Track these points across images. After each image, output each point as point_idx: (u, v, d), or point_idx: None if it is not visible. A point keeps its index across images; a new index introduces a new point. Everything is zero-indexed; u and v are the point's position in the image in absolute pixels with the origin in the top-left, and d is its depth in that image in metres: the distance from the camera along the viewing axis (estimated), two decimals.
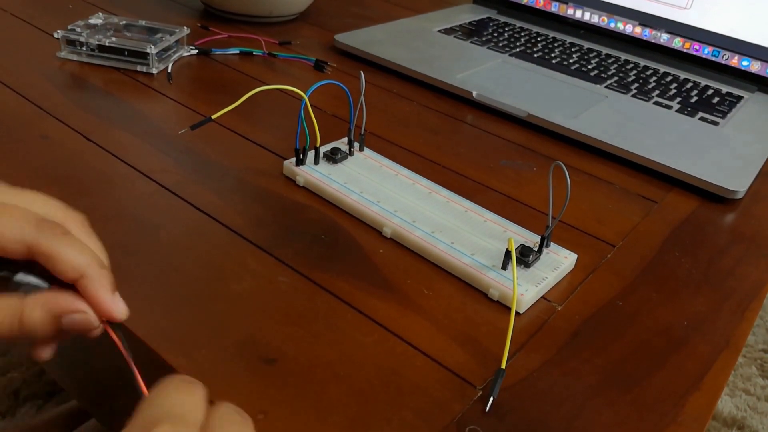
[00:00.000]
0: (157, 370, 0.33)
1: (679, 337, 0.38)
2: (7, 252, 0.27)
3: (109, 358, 0.38)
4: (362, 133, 0.50)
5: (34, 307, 0.27)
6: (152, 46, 0.61)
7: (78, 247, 0.28)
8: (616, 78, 0.72)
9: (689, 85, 0.73)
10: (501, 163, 0.54)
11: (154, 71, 0.61)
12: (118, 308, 0.28)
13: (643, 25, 0.80)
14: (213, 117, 0.45)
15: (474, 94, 0.63)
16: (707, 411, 0.33)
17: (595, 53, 0.78)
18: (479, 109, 0.63)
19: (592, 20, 0.83)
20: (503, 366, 0.33)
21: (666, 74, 0.75)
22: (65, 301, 0.27)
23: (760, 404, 1.13)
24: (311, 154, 0.49)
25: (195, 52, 0.67)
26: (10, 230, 0.27)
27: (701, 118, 0.64)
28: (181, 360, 0.32)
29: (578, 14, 0.84)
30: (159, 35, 0.64)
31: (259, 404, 0.30)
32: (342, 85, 0.50)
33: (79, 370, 0.43)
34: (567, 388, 0.33)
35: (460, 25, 0.82)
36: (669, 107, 0.66)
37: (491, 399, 0.31)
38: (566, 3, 0.85)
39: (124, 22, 0.66)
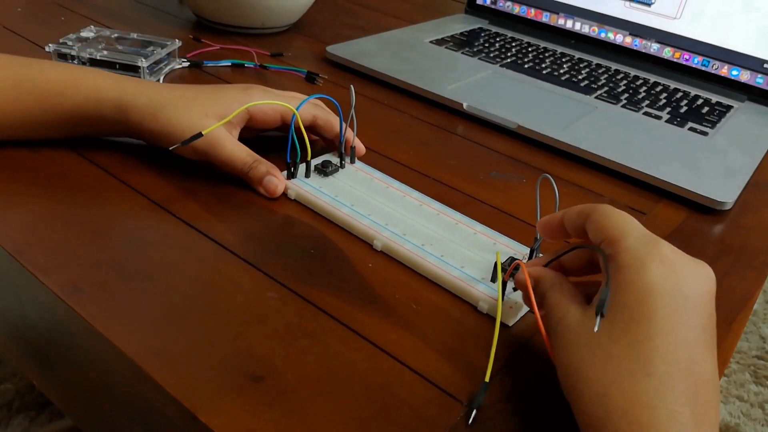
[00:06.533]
0: (145, 387, 0.33)
1: None
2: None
3: (99, 374, 0.38)
4: (353, 145, 0.51)
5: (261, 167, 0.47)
6: (143, 59, 0.61)
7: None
8: (606, 88, 0.72)
9: (679, 95, 0.73)
10: (491, 175, 0.55)
11: None
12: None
13: (634, 35, 0.80)
14: (203, 132, 0.45)
15: (464, 105, 0.64)
16: None
17: (585, 63, 0.79)
18: (470, 121, 0.64)
19: (583, 30, 0.84)
20: (487, 379, 0.33)
21: (656, 84, 0.75)
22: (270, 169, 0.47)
23: (753, 411, 1.13)
24: (302, 168, 0.49)
25: (187, 64, 0.67)
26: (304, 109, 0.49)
27: (690, 129, 0.65)
28: (169, 377, 0.32)
29: (569, 24, 0.85)
30: (150, 48, 0.64)
31: (247, 422, 0.30)
32: (332, 99, 0.50)
33: (70, 387, 0.44)
34: (560, 398, 0.33)
35: (452, 36, 0.83)
36: (658, 117, 0.66)
37: (474, 412, 0.31)
38: (557, 13, 0.85)
39: (115, 35, 0.66)
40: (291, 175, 0.48)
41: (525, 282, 0.35)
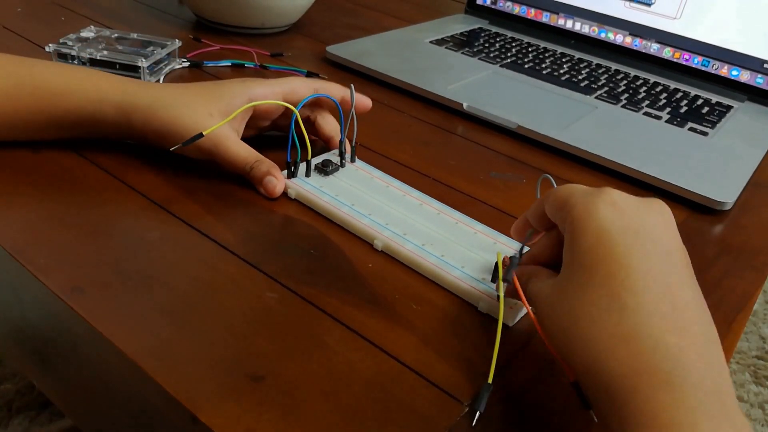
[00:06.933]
0: (144, 387, 0.33)
1: None
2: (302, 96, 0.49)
3: (99, 374, 0.38)
4: (353, 144, 0.51)
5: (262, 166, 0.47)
6: (143, 60, 0.61)
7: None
8: (606, 88, 0.72)
9: (679, 95, 0.73)
10: (491, 175, 0.55)
11: None
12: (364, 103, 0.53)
13: (634, 35, 0.80)
14: (204, 133, 0.45)
15: (464, 105, 0.64)
16: None
17: (585, 63, 0.79)
18: (470, 121, 0.64)
19: (583, 30, 0.84)
20: (490, 380, 0.33)
21: (656, 84, 0.75)
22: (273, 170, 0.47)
23: (753, 411, 1.13)
24: (302, 167, 0.49)
25: (187, 64, 0.67)
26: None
27: (690, 129, 0.65)
28: (169, 377, 0.32)
29: (569, 24, 0.85)
30: (151, 48, 0.64)
31: (246, 422, 0.30)
32: (332, 98, 0.50)
33: (70, 387, 0.44)
34: (559, 399, 0.33)
35: (452, 36, 0.83)
36: (658, 118, 0.66)
37: (477, 413, 0.31)
38: (557, 13, 0.85)
39: (116, 35, 0.66)
40: (291, 175, 0.48)
41: (514, 287, 0.36)
